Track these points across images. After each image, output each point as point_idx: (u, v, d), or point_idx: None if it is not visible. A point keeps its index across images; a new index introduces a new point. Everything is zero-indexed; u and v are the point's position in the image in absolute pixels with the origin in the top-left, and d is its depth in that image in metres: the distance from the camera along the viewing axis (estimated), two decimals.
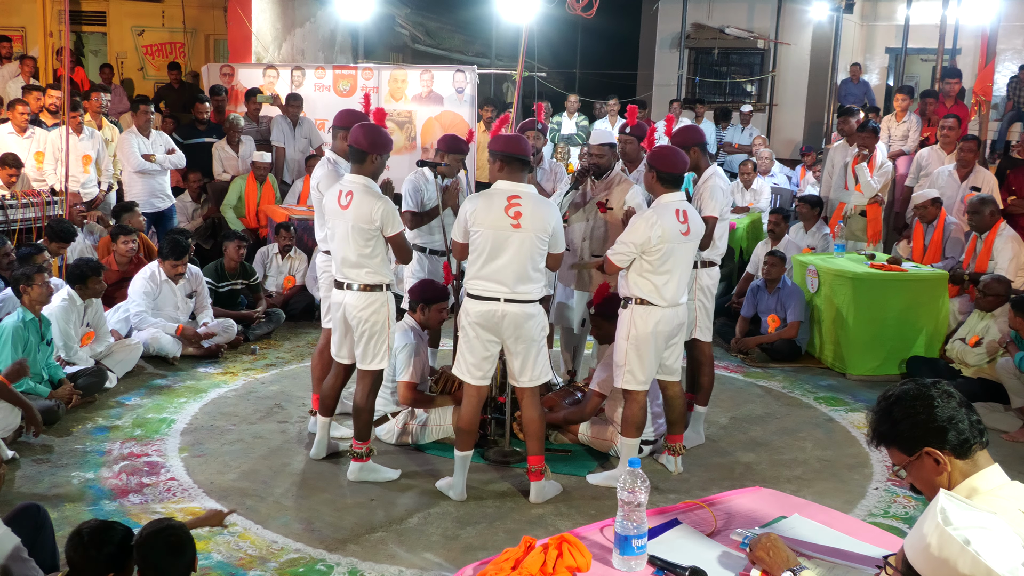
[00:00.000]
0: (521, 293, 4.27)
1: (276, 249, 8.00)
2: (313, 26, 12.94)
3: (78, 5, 12.35)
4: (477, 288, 4.31)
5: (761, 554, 2.34)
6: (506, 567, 2.35)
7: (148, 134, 8.40)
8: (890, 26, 14.10)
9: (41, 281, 5.34)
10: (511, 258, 4.23)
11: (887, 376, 6.50)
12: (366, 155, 4.45)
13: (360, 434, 4.65)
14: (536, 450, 4.48)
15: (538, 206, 4.28)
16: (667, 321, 4.51)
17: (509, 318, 4.27)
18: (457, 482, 4.49)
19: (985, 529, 1.78)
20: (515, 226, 4.21)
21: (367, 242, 4.44)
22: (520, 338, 4.32)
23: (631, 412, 4.59)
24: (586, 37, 17.40)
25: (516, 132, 5.14)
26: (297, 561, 3.88)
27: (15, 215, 6.99)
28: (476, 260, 4.31)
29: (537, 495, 4.50)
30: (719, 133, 12.34)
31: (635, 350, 4.51)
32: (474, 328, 4.34)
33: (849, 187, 7.64)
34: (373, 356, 4.57)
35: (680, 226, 4.44)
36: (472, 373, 4.41)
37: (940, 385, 2.13)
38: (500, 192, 4.28)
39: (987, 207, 6.76)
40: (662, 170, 4.49)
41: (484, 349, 4.36)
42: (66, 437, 5.17)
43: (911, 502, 4.57)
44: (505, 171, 4.32)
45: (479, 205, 4.28)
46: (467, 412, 4.46)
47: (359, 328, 4.55)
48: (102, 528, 2.97)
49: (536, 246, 4.27)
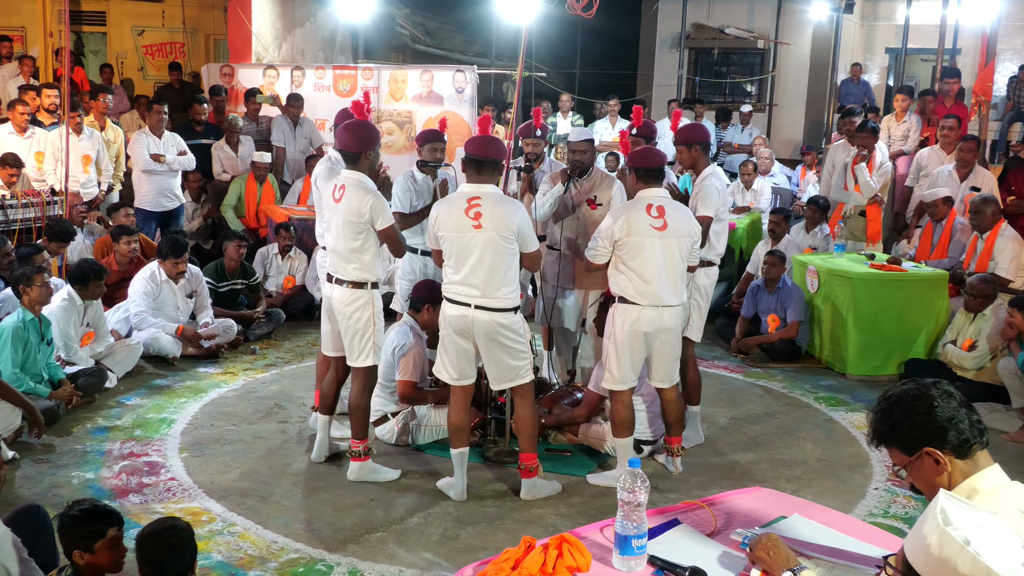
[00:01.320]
0: (492, 299, 4.27)
1: (276, 249, 8.00)
2: (313, 26, 12.94)
3: (78, 5, 12.35)
4: (451, 292, 4.36)
5: (761, 554, 2.34)
6: (506, 567, 2.35)
7: (160, 134, 8.41)
8: (890, 26, 14.10)
9: (40, 281, 5.34)
10: (478, 260, 4.25)
11: (887, 376, 6.51)
12: (359, 154, 4.51)
13: (357, 433, 4.67)
14: (527, 447, 4.51)
15: (498, 205, 4.28)
16: (647, 321, 4.48)
17: (479, 325, 4.29)
18: (457, 481, 4.49)
19: (985, 529, 1.78)
20: (476, 227, 4.23)
21: (356, 235, 4.47)
22: (492, 345, 4.34)
23: (615, 412, 4.64)
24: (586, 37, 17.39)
25: (516, 133, 5.17)
26: (297, 561, 3.88)
27: (15, 215, 6.99)
28: (447, 265, 4.37)
29: (528, 492, 4.51)
30: (719, 133, 12.34)
31: (613, 348, 4.56)
32: (447, 331, 4.40)
33: (849, 187, 7.64)
34: (360, 352, 4.60)
35: (652, 220, 4.45)
36: (448, 373, 4.46)
37: (940, 385, 2.13)
38: (461, 195, 4.34)
39: (989, 207, 6.75)
40: (641, 167, 4.57)
41: (457, 351, 4.40)
42: (66, 437, 5.17)
43: (911, 502, 4.57)
44: (468, 173, 4.39)
45: (442, 210, 4.34)
46: (454, 410, 4.49)
47: (344, 324, 4.60)
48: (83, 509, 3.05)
49: (501, 245, 4.26)
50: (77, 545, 3.00)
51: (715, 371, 6.75)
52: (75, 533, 3.00)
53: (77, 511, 3.03)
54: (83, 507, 3.05)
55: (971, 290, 6.14)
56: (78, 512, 3.02)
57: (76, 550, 2.99)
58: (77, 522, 3.01)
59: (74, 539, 3.00)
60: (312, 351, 7.00)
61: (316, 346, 7.08)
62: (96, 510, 3.07)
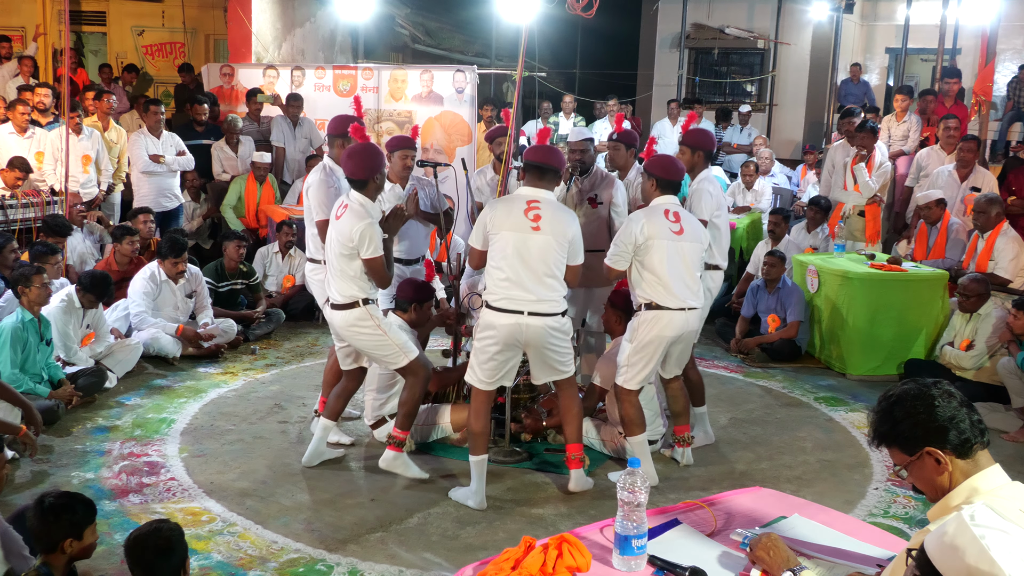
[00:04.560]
0: (544, 303, 4.25)
1: (276, 249, 8.01)
2: (313, 26, 12.94)
3: (78, 5, 12.34)
4: (498, 299, 4.27)
5: (761, 554, 2.34)
6: (506, 567, 2.35)
7: (159, 135, 8.40)
8: (890, 26, 14.10)
9: (39, 282, 5.34)
10: (534, 260, 4.23)
11: (887, 376, 6.50)
12: (366, 181, 4.49)
13: (401, 423, 4.64)
14: (575, 437, 4.51)
15: (557, 212, 4.32)
16: (675, 326, 4.52)
17: (532, 332, 4.26)
18: (477, 489, 4.40)
19: (1006, 533, 1.81)
20: (535, 228, 4.23)
21: (348, 261, 4.45)
22: (544, 350, 4.33)
23: (626, 412, 4.64)
24: (586, 37, 17.39)
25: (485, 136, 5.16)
26: (297, 561, 3.88)
27: (15, 215, 6.99)
28: (495, 267, 4.29)
29: (576, 483, 4.52)
30: (719, 133, 12.34)
31: (637, 353, 4.55)
32: (493, 342, 4.30)
33: (848, 187, 7.64)
34: (391, 360, 4.57)
35: (671, 224, 4.51)
36: (483, 380, 4.40)
37: (941, 385, 2.13)
38: (520, 197, 4.34)
39: (993, 207, 6.75)
40: (662, 177, 4.60)
41: (503, 360, 4.35)
42: (66, 437, 5.17)
43: (911, 502, 4.57)
44: (527, 178, 4.40)
45: (499, 210, 4.32)
46: (476, 415, 4.42)
47: (355, 343, 4.60)
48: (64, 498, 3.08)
49: (555, 251, 4.27)
50: (70, 533, 3.01)
51: (715, 371, 6.75)
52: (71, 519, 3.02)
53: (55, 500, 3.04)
54: (61, 496, 3.08)
55: (964, 290, 6.13)
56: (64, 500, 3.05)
57: (68, 538, 3.01)
58: (68, 509, 3.02)
59: (68, 526, 3.01)
60: (312, 351, 7.00)
61: (316, 346, 7.12)
62: (77, 496, 3.12)
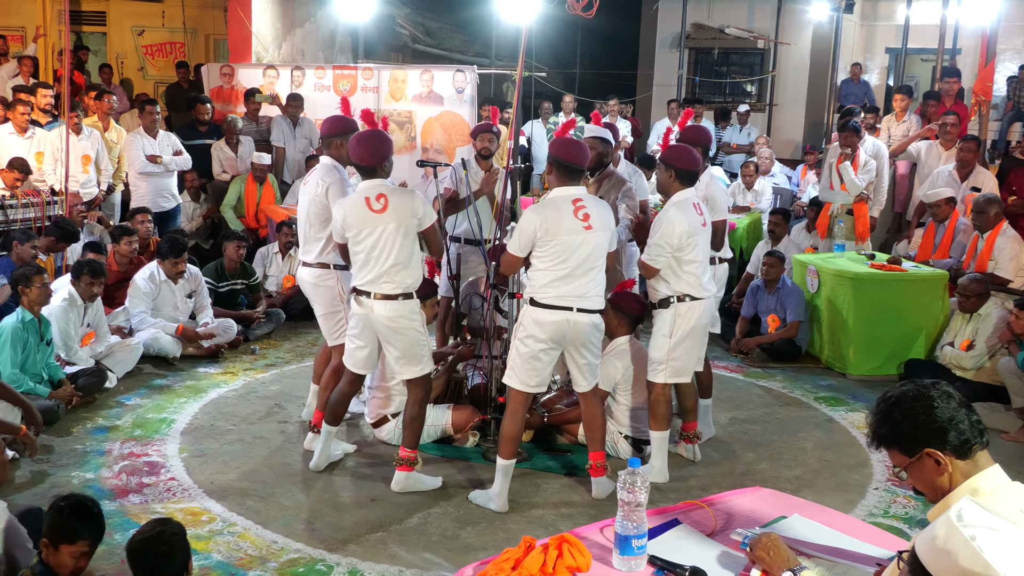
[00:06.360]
0: (588, 299, 4.25)
1: (276, 248, 8.00)
2: (313, 26, 12.94)
3: (78, 5, 12.34)
4: (547, 296, 4.21)
5: (761, 554, 2.34)
6: (506, 567, 2.35)
7: (155, 135, 8.40)
8: (890, 26, 14.10)
9: (40, 282, 5.34)
10: (588, 260, 4.23)
11: (887, 376, 6.50)
12: (375, 168, 4.41)
13: (409, 442, 4.55)
14: (598, 446, 4.52)
15: (598, 205, 4.31)
16: (707, 313, 4.70)
17: (579, 328, 4.25)
18: (501, 491, 4.38)
19: (996, 531, 1.80)
20: (587, 228, 4.21)
21: (411, 239, 4.37)
22: (585, 348, 4.33)
23: (660, 407, 4.70)
24: (586, 37, 17.38)
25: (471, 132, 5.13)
26: (297, 561, 3.88)
27: (15, 215, 6.99)
28: (541, 269, 4.22)
29: (599, 490, 4.53)
30: (718, 133, 12.35)
31: (682, 345, 4.64)
32: (538, 340, 4.25)
33: (835, 186, 7.65)
34: (417, 363, 4.49)
35: (699, 218, 4.61)
36: (526, 382, 4.34)
37: (940, 386, 2.13)
38: (563, 198, 4.24)
39: (993, 207, 6.76)
40: (680, 167, 4.62)
41: (548, 359, 4.33)
42: (66, 437, 5.17)
43: (911, 502, 4.57)
44: (558, 176, 4.28)
45: (547, 215, 4.18)
46: (511, 419, 4.36)
47: (394, 338, 4.43)
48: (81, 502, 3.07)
49: (605, 246, 4.30)
50: (49, 535, 2.99)
51: (715, 371, 6.68)
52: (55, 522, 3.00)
53: (66, 503, 3.04)
54: (73, 502, 3.05)
55: (963, 290, 6.13)
56: (66, 504, 3.04)
57: (44, 539, 2.99)
58: (59, 512, 3.01)
59: (49, 527, 3.01)
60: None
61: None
62: (82, 512, 3.04)
